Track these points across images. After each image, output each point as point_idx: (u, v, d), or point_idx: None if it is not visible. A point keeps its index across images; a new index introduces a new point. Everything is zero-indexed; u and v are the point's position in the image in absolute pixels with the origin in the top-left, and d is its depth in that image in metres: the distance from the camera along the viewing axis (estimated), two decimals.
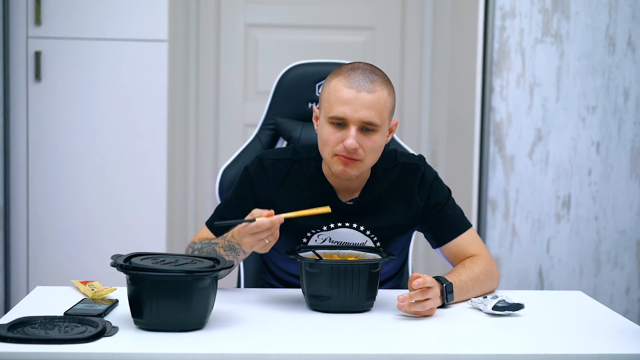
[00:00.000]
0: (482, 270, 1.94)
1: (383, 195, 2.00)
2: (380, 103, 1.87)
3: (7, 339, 1.51)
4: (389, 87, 1.92)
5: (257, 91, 3.82)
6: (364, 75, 1.88)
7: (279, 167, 2.02)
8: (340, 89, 1.87)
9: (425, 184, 2.03)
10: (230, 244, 1.84)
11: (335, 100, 1.87)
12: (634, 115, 3.21)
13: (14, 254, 3.19)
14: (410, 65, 3.87)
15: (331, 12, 3.83)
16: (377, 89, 1.88)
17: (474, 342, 1.63)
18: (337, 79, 1.89)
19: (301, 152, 2.04)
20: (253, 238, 1.76)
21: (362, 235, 1.99)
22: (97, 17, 3.14)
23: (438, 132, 3.77)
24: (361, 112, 1.85)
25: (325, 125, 1.90)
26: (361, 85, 1.87)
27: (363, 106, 1.86)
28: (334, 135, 1.88)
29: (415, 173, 2.03)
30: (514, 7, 3.15)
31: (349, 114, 1.86)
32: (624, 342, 1.64)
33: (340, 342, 1.61)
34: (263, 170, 2.01)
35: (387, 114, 1.90)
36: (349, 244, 1.99)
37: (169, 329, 1.60)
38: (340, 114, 1.86)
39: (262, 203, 1.97)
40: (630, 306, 3.27)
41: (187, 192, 3.82)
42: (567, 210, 3.23)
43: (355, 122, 1.86)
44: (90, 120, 3.18)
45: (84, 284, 1.89)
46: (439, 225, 2.03)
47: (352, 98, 1.86)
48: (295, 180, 2.01)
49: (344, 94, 1.86)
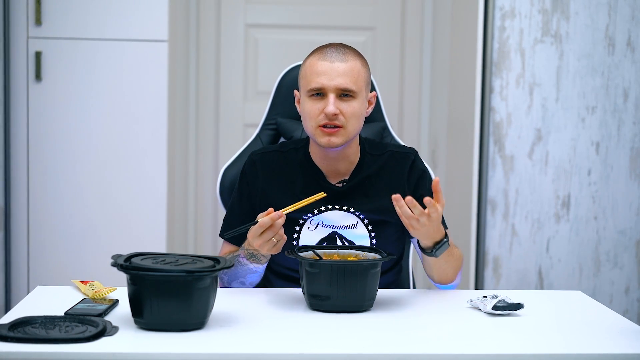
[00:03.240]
0: (459, 255, 2.05)
1: (372, 177, 2.09)
2: (354, 71, 1.99)
3: (7, 338, 1.51)
4: (362, 59, 2.04)
5: (257, 91, 3.82)
6: (336, 50, 2.01)
7: (267, 158, 2.12)
8: (314, 63, 2.00)
9: (415, 172, 2.11)
10: (250, 252, 1.94)
11: (311, 74, 1.99)
12: (633, 116, 3.22)
13: (15, 254, 3.20)
14: (410, 65, 3.88)
15: (331, 12, 3.84)
16: (349, 59, 2.00)
17: (474, 342, 1.64)
18: (312, 57, 2.03)
19: (289, 144, 2.17)
20: (261, 239, 1.85)
21: (353, 216, 2.05)
22: (97, 17, 3.14)
23: (438, 132, 3.77)
24: (337, 80, 1.97)
25: (306, 100, 2.01)
26: (334, 57, 2.00)
27: (338, 74, 1.98)
28: (315, 106, 1.99)
29: (405, 160, 2.12)
30: (513, 7, 3.15)
31: (325, 83, 1.97)
32: (624, 342, 1.64)
33: (340, 342, 1.61)
34: (253, 165, 2.12)
35: (362, 83, 2.01)
36: (340, 226, 2.04)
37: (169, 329, 1.60)
38: (317, 84, 1.98)
39: (257, 197, 2.06)
40: (629, 306, 3.27)
41: (187, 192, 3.82)
42: (566, 210, 3.23)
43: (333, 90, 1.97)
44: (90, 121, 3.18)
45: (84, 284, 1.89)
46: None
47: (327, 69, 1.98)
48: (284, 169, 2.10)
49: (319, 67, 1.99)
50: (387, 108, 2.61)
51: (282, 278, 2.11)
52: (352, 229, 2.05)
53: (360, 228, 2.05)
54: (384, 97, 3.00)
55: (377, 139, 2.33)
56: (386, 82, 3.83)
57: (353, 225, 2.05)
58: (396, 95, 3.89)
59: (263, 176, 2.09)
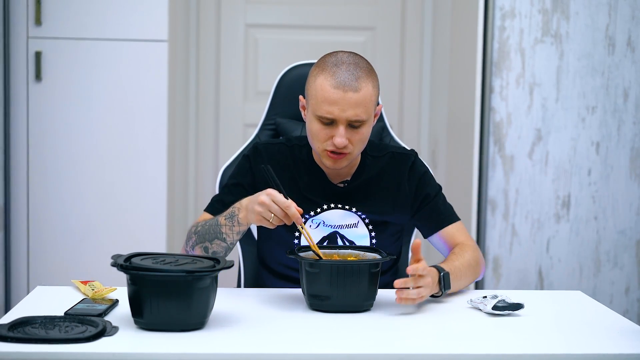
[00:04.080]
0: (472, 257, 2.01)
1: (373, 179, 2.08)
2: (366, 100, 1.93)
3: (7, 338, 1.51)
4: (373, 78, 1.97)
5: (257, 91, 3.82)
6: (348, 72, 1.92)
7: (273, 149, 2.10)
8: (326, 89, 1.92)
9: (415, 173, 2.10)
10: (232, 212, 1.89)
11: (322, 101, 1.92)
12: (633, 115, 3.22)
13: (14, 253, 3.20)
14: (410, 65, 3.88)
15: (331, 12, 3.84)
16: (362, 86, 1.92)
17: (474, 342, 1.63)
18: (323, 76, 1.94)
19: (293, 140, 2.13)
20: (269, 207, 1.78)
21: (355, 215, 2.05)
22: (97, 17, 3.14)
23: (438, 132, 3.77)
24: (349, 112, 1.91)
25: (314, 120, 1.96)
26: (347, 84, 1.91)
27: (350, 105, 1.91)
28: (323, 131, 1.95)
29: (405, 161, 2.11)
30: (513, 7, 3.15)
31: (336, 114, 1.92)
32: (624, 342, 1.64)
33: (340, 342, 1.61)
34: (258, 154, 2.09)
35: (372, 106, 1.97)
36: (341, 226, 2.04)
37: (169, 329, 1.60)
38: (328, 114, 1.92)
39: (259, 186, 2.01)
40: (629, 306, 3.27)
41: (187, 192, 3.82)
42: (566, 210, 3.23)
43: (344, 121, 1.93)
44: (90, 120, 3.18)
45: (84, 284, 1.89)
46: (429, 216, 2.09)
47: (338, 98, 1.91)
48: (289, 163, 2.08)
49: (331, 95, 1.91)
50: (387, 108, 2.61)
51: (280, 278, 2.11)
52: (353, 229, 2.05)
53: (361, 228, 2.05)
54: (383, 97, 3.00)
55: (377, 139, 2.33)
56: (386, 82, 3.83)
57: (354, 225, 2.05)
58: (396, 95, 3.89)
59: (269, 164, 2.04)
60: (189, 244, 1.99)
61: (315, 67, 1.99)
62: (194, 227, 2.00)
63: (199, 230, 1.97)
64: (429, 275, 1.80)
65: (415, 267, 1.77)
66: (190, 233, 2.00)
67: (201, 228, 1.97)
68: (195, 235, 1.97)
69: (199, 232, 1.97)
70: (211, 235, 1.93)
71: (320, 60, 2.00)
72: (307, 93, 1.99)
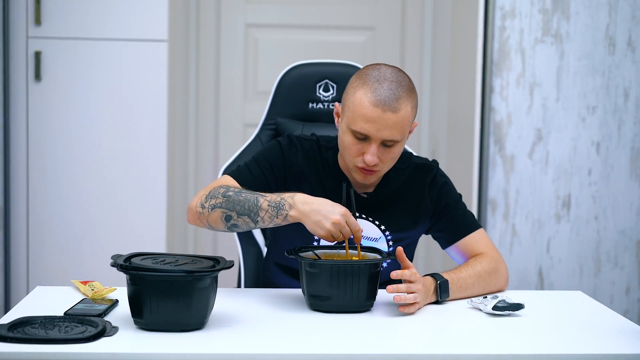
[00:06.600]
0: (486, 268, 1.96)
1: (396, 191, 2.05)
2: (404, 120, 1.89)
3: (7, 339, 1.51)
4: (413, 97, 1.92)
5: (257, 91, 3.82)
6: (390, 92, 1.87)
7: (306, 145, 2.06)
8: (365, 104, 1.87)
9: (436, 185, 2.09)
10: (280, 204, 1.81)
11: (359, 116, 1.88)
12: (634, 115, 3.21)
13: (14, 254, 3.19)
14: (411, 65, 3.87)
15: (331, 12, 3.83)
16: (401, 107, 1.88)
17: (473, 342, 1.63)
18: (363, 91, 1.88)
19: (321, 139, 2.09)
20: (342, 228, 1.77)
21: (378, 230, 2.02)
22: (96, 17, 3.14)
23: (438, 132, 3.77)
24: (384, 132, 1.88)
25: (347, 133, 1.92)
26: (387, 104, 1.86)
27: (387, 126, 1.87)
28: (355, 146, 1.91)
29: (428, 173, 2.09)
30: (514, 7, 3.15)
31: (372, 133, 1.88)
32: (624, 342, 1.64)
33: (340, 342, 1.61)
34: (293, 145, 2.05)
35: (408, 127, 1.93)
36: (364, 236, 1.96)
37: (169, 329, 1.60)
38: (363, 130, 1.88)
39: (292, 176, 2.00)
40: (630, 306, 3.27)
41: (187, 192, 3.82)
42: (567, 210, 3.23)
43: (377, 140, 1.89)
44: (90, 120, 3.18)
45: (84, 284, 1.89)
46: (448, 226, 2.07)
47: (376, 117, 1.86)
48: (317, 161, 2.05)
49: (369, 112, 1.86)
50: None
51: (287, 272, 2.09)
52: (374, 242, 2.03)
53: (381, 243, 2.03)
54: None
55: None
56: None
57: (375, 239, 2.03)
58: None
59: (302, 158, 2.03)
60: (210, 201, 1.87)
61: (356, 77, 1.93)
62: (222, 188, 1.88)
63: (229, 195, 1.86)
64: (420, 282, 1.79)
65: (400, 273, 1.77)
66: (216, 191, 1.88)
67: (233, 194, 1.86)
68: (223, 197, 1.86)
69: (229, 197, 1.86)
70: (244, 209, 1.84)
71: (362, 71, 1.94)
72: (344, 103, 1.94)
